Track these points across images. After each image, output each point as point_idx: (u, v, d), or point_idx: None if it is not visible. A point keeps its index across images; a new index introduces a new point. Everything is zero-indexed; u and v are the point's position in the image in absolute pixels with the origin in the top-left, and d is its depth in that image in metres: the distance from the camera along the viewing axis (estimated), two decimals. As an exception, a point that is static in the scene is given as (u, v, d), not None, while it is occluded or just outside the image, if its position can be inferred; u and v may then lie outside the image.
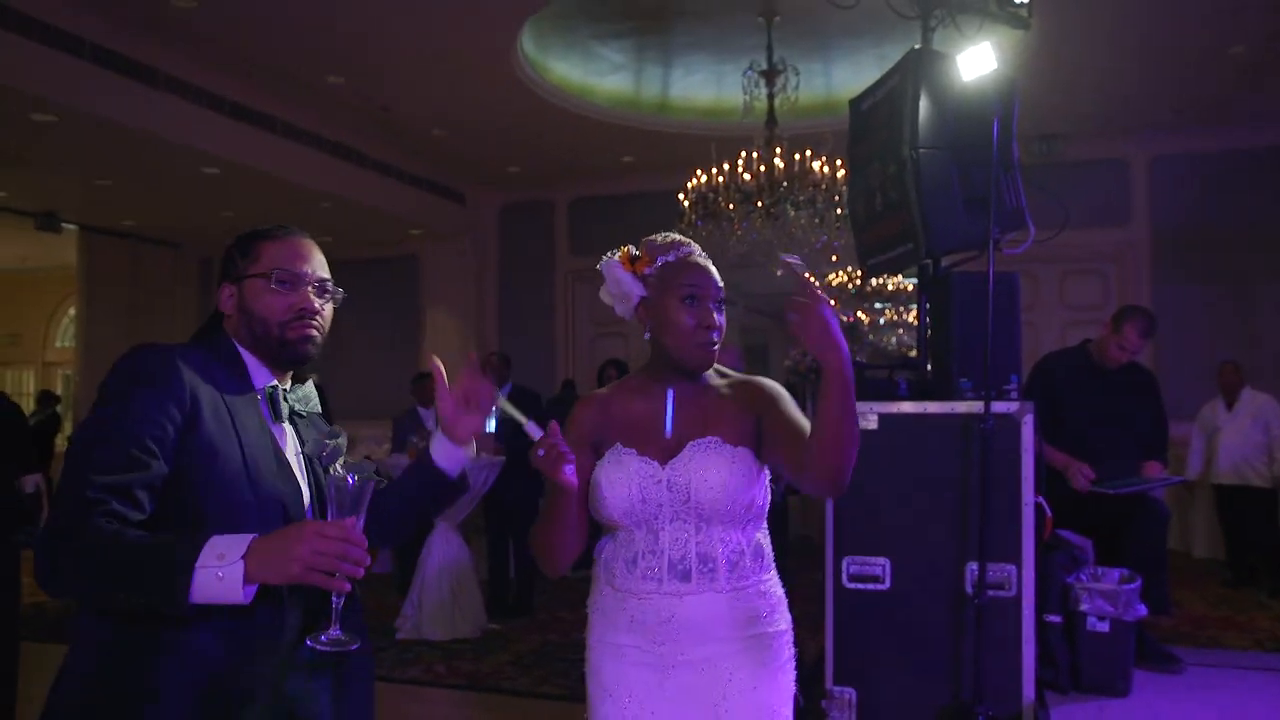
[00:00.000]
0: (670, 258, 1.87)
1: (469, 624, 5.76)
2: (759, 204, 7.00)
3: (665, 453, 1.81)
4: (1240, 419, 6.77)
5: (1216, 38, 7.01)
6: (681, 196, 7.55)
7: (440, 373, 1.75)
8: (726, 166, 7.16)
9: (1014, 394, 3.18)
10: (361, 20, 6.51)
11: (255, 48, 6.95)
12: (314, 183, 8.63)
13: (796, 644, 1.88)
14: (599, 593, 1.88)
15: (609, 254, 1.91)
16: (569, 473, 1.65)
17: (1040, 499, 3.24)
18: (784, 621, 1.85)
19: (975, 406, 3.10)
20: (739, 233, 7.21)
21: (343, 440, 1.67)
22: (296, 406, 1.67)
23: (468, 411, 1.75)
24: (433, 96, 8.06)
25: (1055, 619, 3.54)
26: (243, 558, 1.30)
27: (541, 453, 1.63)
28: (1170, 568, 4.14)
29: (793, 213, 6.97)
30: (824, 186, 6.99)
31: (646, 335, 1.87)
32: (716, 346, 1.83)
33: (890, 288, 9.61)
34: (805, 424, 1.76)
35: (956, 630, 3.22)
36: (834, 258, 8.02)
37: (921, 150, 3.08)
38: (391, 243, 11.28)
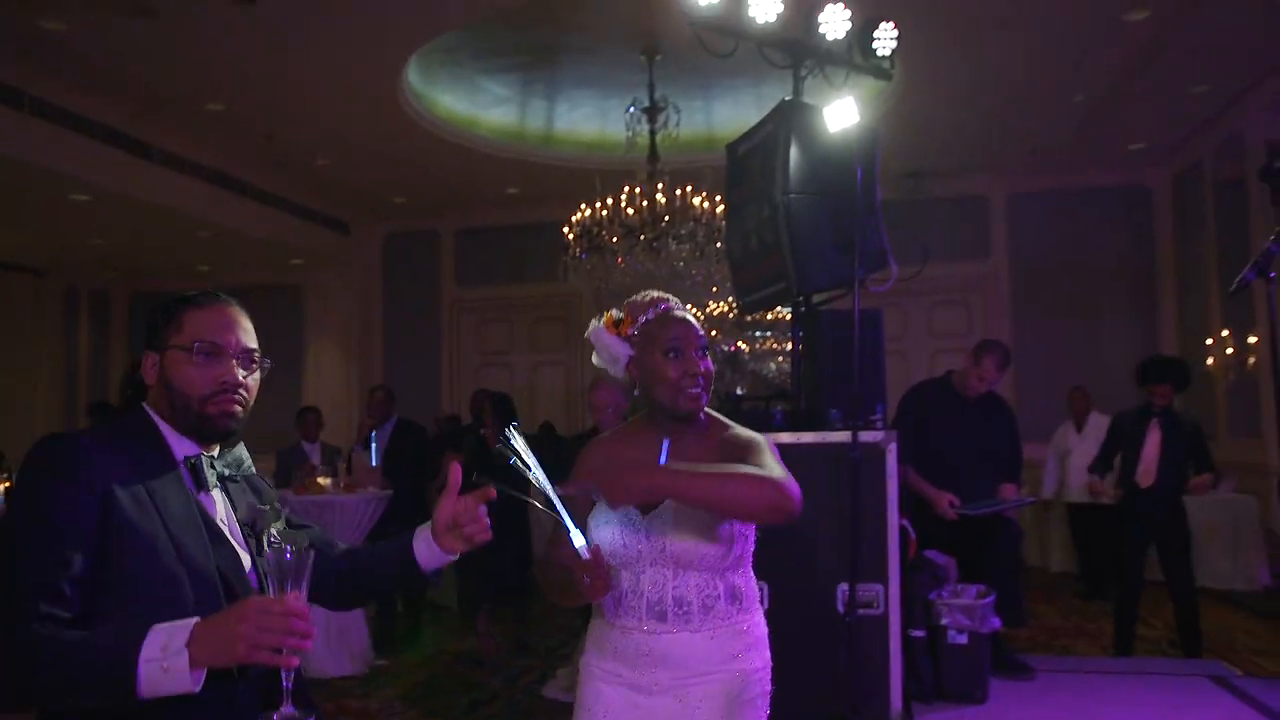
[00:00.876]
0: (650, 315, 1.98)
1: (355, 660, 5.69)
2: (641, 237, 7.19)
3: (649, 504, 1.89)
4: (1088, 442, 7.23)
5: (1061, 87, 7.58)
6: (566, 230, 7.69)
7: (455, 478, 1.68)
8: (610, 200, 7.34)
9: (879, 424, 3.40)
10: (244, 47, 6.44)
11: (130, 72, 6.78)
12: (192, 211, 8.43)
13: (774, 681, 1.99)
14: (595, 621, 2.01)
15: (595, 321, 2.01)
16: (607, 593, 1.78)
17: (905, 522, 3.47)
18: (759, 659, 1.94)
19: (845, 436, 3.30)
20: (622, 265, 7.39)
21: (274, 505, 1.65)
22: (226, 471, 1.63)
23: (454, 534, 1.67)
24: (318, 126, 8.00)
25: (919, 633, 3.77)
26: (186, 645, 1.27)
27: (588, 580, 1.72)
28: (1028, 582, 4.45)
29: (674, 246, 7.19)
30: (704, 220, 7.24)
31: (635, 391, 2.00)
32: (700, 391, 1.94)
33: (770, 316, 9.95)
34: (777, 469, 1.86)
35: (830, 647, 3.40)
36: (714, 289, 8.27)
37: (792, 196, 3.29)
38: (273, 272, 11.07)
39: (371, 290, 11.31)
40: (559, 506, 1.71)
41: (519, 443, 1.70)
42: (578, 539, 1.72)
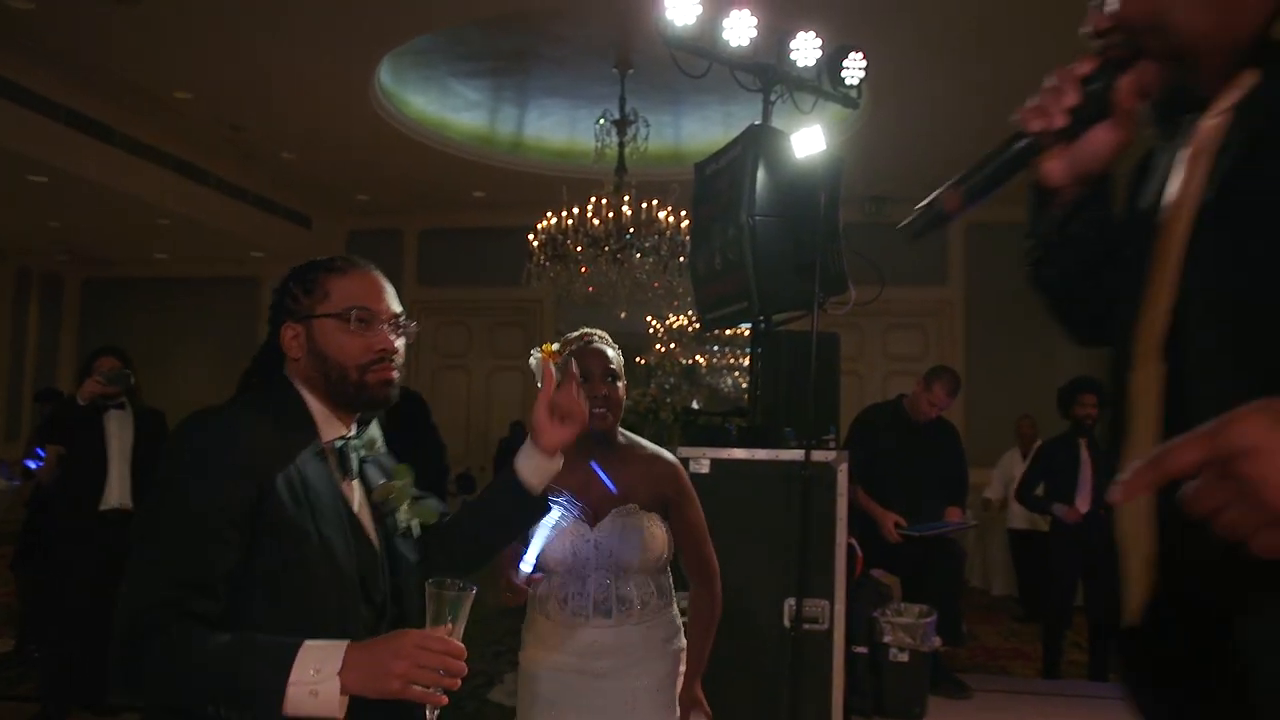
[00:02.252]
0: (574, 347, 2.23)
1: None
2: (605, 248, 7.25)
3: (594, 515, 2.19)
4: (1033, 469, 7.41)
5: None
6: (531, 237, 7.72)
7: (549, 375, 1.65)
8: (576, 210, 7.39)
9: (832, 444, 3.48)
10: (215, 37, 6.41)
11: (97, 56, 6.72)
12: (152, 198, 8.35)
13: None
14: (533, 621, 2.27)
15: (535, 351, 2.17)
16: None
17: (852, 540, 3.55)
18: (681, 641, 2.31)
19: (798, 454, 3.37)
20: (585, 274, 7.45)
21: (402, 485, 1.57)
22: (364, 453, 1.55)
23: (558, 422, 1.61)
24: (285, 120, 7.97)
25: (862, 650, 3.86)
26: (339, 673, 1.21)
27: (511, 596, 2.12)
28: (969, 603, 4.56)
29: (638, 258, 7.26)
30: (668, 234, 7.31)
31: None
32: (604, 411, 2.17)
33: (729, 332, 10.05)
34: (701, 528, 2.30)
35: (775, 660, 3.46)
36: (675, 303, 8.35)
37: (758, 218, 3.36)
38: (232, 263, 10.97)
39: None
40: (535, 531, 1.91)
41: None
42: (527, 566, 2.04)
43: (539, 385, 2.16)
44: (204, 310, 11.33)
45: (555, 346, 2.21)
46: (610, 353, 2.24)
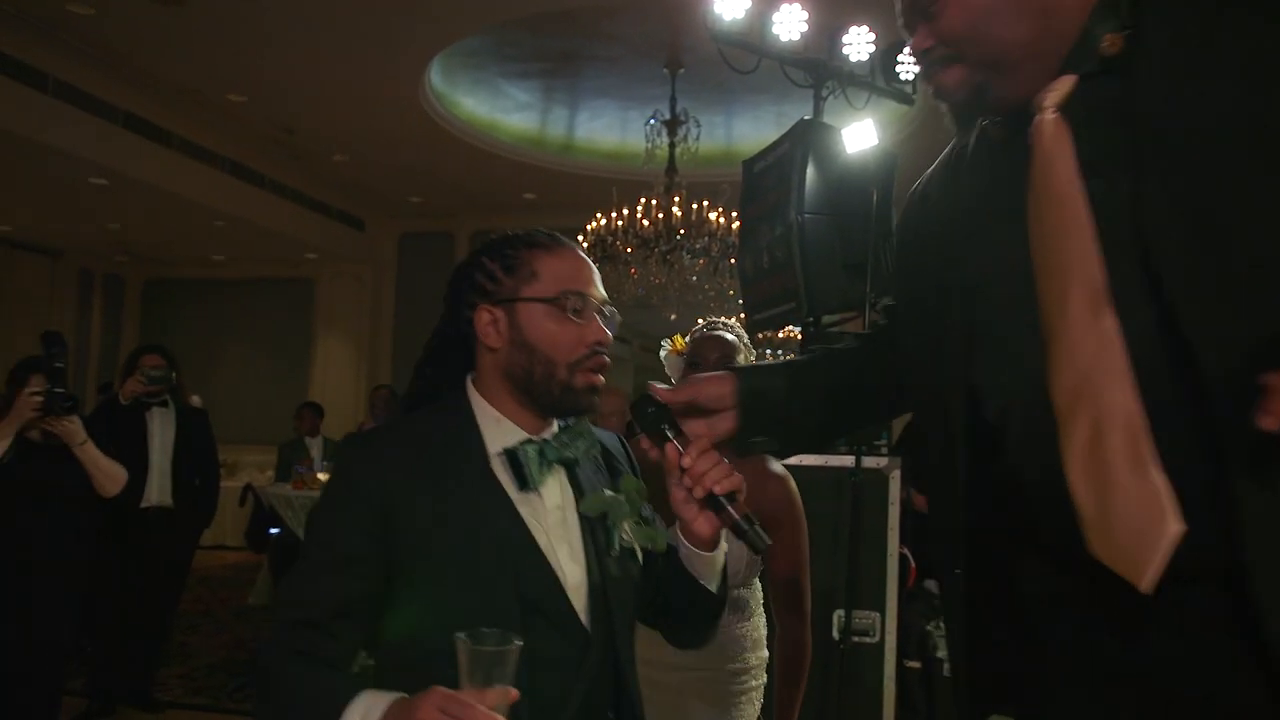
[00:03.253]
0: (695, 335, 2.22)
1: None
2: (655, 249, 7.17)
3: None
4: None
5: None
6: (581, 238, 7.67)
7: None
8: (626, 211, 7.32)
9: (884, 450, 3.36)
10: (267, 40, 6.46)
11: (154, 59, 6.82)
12: (208, 200, 8.46)
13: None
14: None
15: (665, 342, 2.25)
16: None
17: (905, 550, 3.42)
18: (754, 659, 2.12)
19: (848, 460, 3.26)
20: (635, 276, 7.37)
21: (632, 494, 1.34)
22: (567, 454, 1.32)
23: (694, 505, 1.27)
24: (337, 122, 8.02)
25: (915, 664, 3.72)
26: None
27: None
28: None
29: (688, 260, 7.17)
30: (719, 235, 7.21)
31: None
32: None
33: (780, 335, 9.92)
34: (803, 558, 2.26)
35: (823, 674, 3.35)
36: (726, 305, 8.24)
37: (807, 215, 3.25)
38: (286, 264, 11.10)
39: (384, 288, 11.31)
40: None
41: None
42: None
43: (673, 382, 2.07)
44: (260, 310, 11.49)
45: (683, 339, 2.17)
46: (729, 338, 2.11)
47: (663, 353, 2.10)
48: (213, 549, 9.78)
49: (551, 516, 1.30)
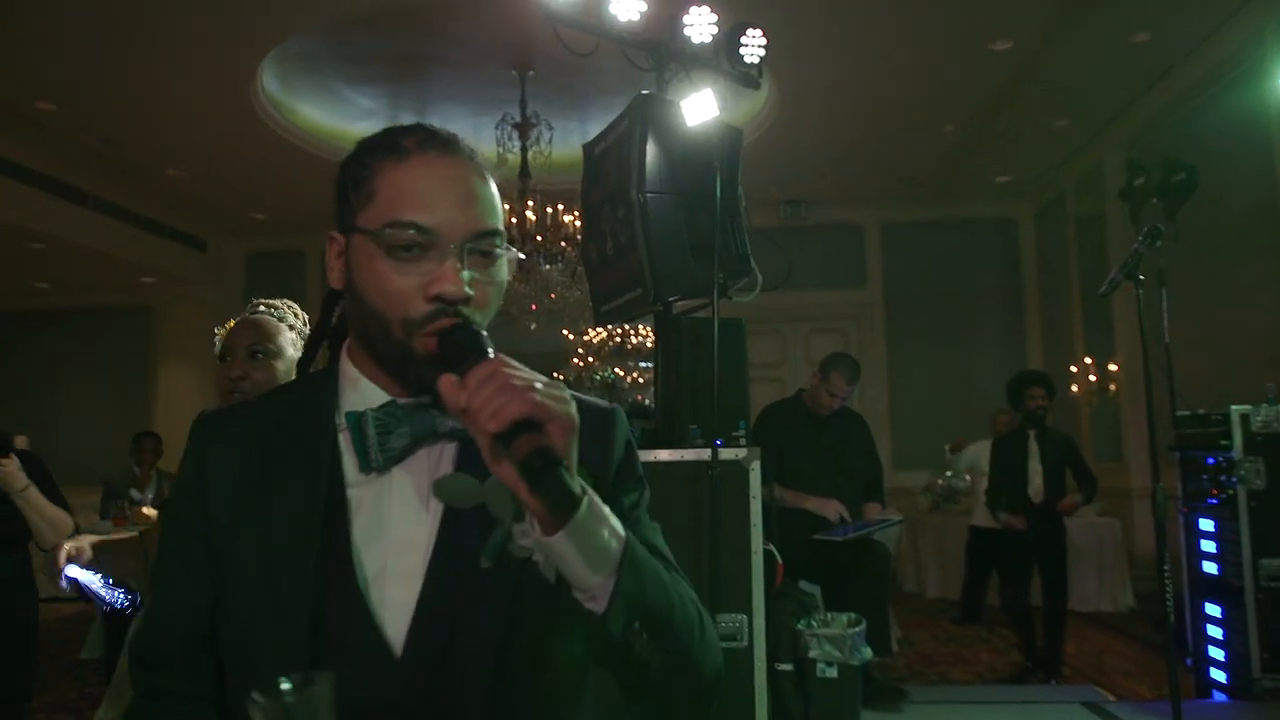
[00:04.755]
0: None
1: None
2: (512, 256, 6.92)
3: None
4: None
5: (932, 117, 7.67)
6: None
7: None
8: (480, 217, 7.04)
9: (742, 440, 3.19)
10: (75, 41, 5.92)
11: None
12: (22, 220, 7.74)
13: None
14: None
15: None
16: None
17: (770, 546, 3.25)
18: None
19: (704, 454, 3.07)
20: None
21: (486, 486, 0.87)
22: (444, 425, 0.97)
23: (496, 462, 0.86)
24: (165, 132, 7.47)
25: (786, 667, 3.55)
26: None
27: None
28: (902, 608, 4.30)
29: (546, 267, 6.93)
30: (576, 240, 7.00)
31: None
32: (243, 397, 1.79)
33: (649, 345, 9.78)
34: None
35: (690, 683, 3.14)
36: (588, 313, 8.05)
37: (649, 194, 3.07)
38: (121, 290, 10.34)
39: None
40: None
41: None
42: None
43: None
44: (95, 342, 10.68)
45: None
46: (267, 327, 1.91)
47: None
48: (45, 601, 8.96)
49: (401, 510, 0.96)
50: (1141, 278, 2.45)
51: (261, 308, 1.98)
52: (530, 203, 7.02)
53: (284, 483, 0.97)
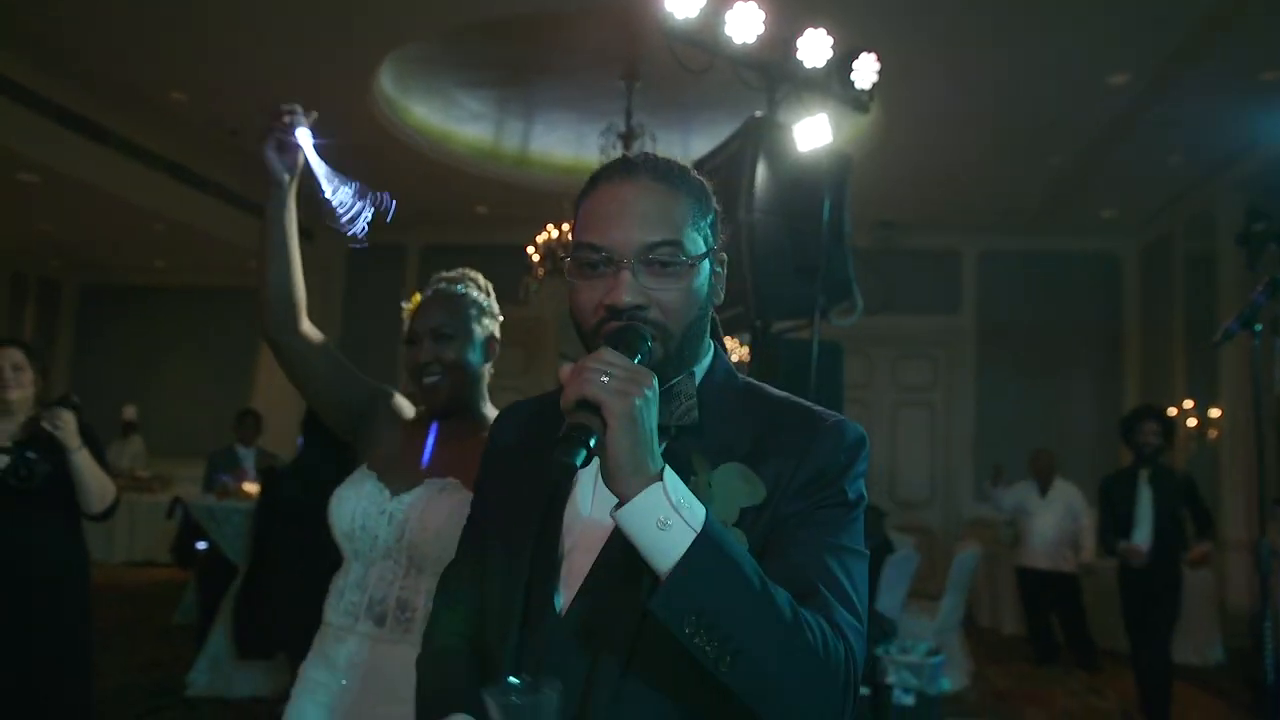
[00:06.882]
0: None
1: (273, 679, 5.36)
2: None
3: (403, 486, 1.75)
4: (1054, 507, 7.07)
5: (1038, 147, 7.54)
6: (531, 250, 7.51)
7: None
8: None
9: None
10: (210, 37, 6.24)
11: (87, 50, 6.55)
12: (148, 202, 8.16)
13: None
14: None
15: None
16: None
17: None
18: None
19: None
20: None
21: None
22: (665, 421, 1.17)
23: None
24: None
25: (863, 691, 3.56)
26: None
27: None
28: (977, 642, 4.26)
29: (641, 274, 7.02)
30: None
31: None
32: (435, 380, 1.79)
33: (735, 359, 9.80)
34: None
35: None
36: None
37: (757, 215, 3.13)
38: (231, 273, 10.77)
39: (331, 299, 11.02)
40: None
41: None
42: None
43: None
44: (203, 320, 11.15)
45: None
46: (453, 302, 1.86)
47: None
48: (141, 565, 9.40)
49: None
50: (1259, 327, 2.42)
51: (443, 284, 1.93)
52: (629, 212, 7.11)
53: (534, 470, 1.18)
